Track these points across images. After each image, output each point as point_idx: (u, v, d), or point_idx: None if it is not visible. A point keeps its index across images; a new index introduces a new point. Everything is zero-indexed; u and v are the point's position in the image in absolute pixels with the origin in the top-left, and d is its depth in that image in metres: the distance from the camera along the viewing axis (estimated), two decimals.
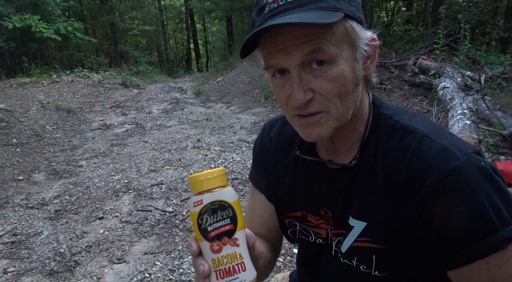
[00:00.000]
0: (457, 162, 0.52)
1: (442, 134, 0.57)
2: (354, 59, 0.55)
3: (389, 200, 0.58)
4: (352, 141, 0.64)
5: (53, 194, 3.28)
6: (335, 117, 0.57)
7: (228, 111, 6.51)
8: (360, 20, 0.56)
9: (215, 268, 0.50)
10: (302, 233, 0.74)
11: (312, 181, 0.70)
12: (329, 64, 0.53)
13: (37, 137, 4.85)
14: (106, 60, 13.42)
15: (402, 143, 0.58)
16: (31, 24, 8.74)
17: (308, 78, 0.54)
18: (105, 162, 4.06)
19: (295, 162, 0.73)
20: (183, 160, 3.97)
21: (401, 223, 0.57)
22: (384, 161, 0.60)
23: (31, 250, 2.42)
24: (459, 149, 0.54)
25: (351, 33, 0.54)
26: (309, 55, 0.52)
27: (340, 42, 0.53)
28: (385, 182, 0.59)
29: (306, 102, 0.55)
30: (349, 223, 0.64)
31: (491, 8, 8.17)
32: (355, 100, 0.59)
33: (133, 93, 8.32)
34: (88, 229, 2.66)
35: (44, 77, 7.92)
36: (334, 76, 0.54)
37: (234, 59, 10.78)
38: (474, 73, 4.65)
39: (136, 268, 2.20)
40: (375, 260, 0.61)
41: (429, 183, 0.53)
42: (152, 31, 17.74)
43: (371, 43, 0.58)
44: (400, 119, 0.61)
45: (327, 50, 0.52)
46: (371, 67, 0.60)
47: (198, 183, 0.52)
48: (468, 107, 3.10)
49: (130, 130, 5.42)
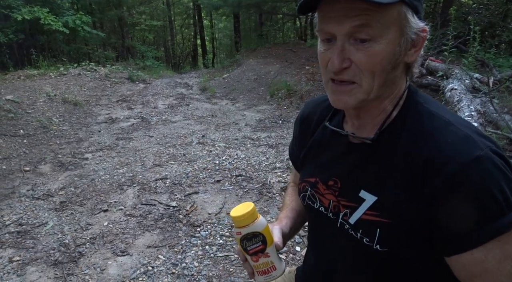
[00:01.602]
0: (480, 151, 0.55)
1: (468, 125, 0.60)
2: (398, 43, 0.59)
3: (405, 178, 0.61)
4: (379, 119, 0.68)
5: (58, 185, 3.31)
6: (365, 90, 0.61)
7: (233, 108, 6.51)
8: (415, 9, 0.59)
9: (256, 269, 0.74)
10: (310, 199, 0.80)
11: (333, 151, 0.76)
12: (372, 41, 0.57)
13: (44, 129, 4.89)
14: (113, 54, 13.45)
15: (428, 126, 0.61)
16: (40, 16, 8.78)
17: (351, 49, 0.59)
18: (110, 155, 4.09)
19: (324, 132, 0.80)
20: (187, 155, 3.99)
21: (411, 201, 0.59)
22: (407, 141, 0.62)
23: (36, 240, 2.45)
24: (482, 140, 0.57)
25: (402, 19, 0.58)
26: (357, 28, 0.57)
27: (389, 23, 0.57)
28: (405, 160, 0.61)
29: (341, 69, 0.60)
30: (360, 196, 0.67)
31: (502, 11, 8.07)
32: (389, 81, 0.63)
33: (139, 88, 8.35)
34: (92, 221, 2.68)
35: (51, 69, 7.97)
36: (373, 53, 0.58)
37: (240, 56, 10.75)
38: (483, 76, 4.61)
39: (139, 261, 2.22)
40: (378, 233, 0.63)
41: (452, 167, 0.55)
42: (160, 26, 17.74)
43: (421, 33, 0.61)
44: (430, 107, 0.64)
45: (374, 27, 0.56)
46: (415, 56, 0.63)
47: (237, 221, 0.71)
48: (476, 109, 3.08)
49: (136, 124, 5.45)
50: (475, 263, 0.56)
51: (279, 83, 6.92)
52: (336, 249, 0.74)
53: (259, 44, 11.29)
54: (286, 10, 13.83)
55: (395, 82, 0.64)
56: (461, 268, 0.59)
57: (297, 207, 0.93)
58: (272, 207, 2.77)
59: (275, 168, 3.50)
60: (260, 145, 4.23)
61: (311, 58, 8.41)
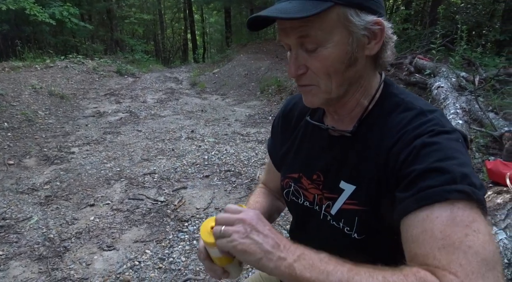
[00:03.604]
0: (440, 127, 0.58)
1: (438, 113, 0.63)
2: (347, 42, 0.61)
3: (376, 164, 0.63)
4: (355, 113, 0.70)
5: (43, 179, 3.26)
6: (324, 90, 0.65)
7: (223, 103, 6.49)
8: (358, 6, 0.60)
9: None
10: (294, 194, 0.81)
11: (314, 145, 0.78)
12: (320, 47, 0.61)
13: (29, 122, 4.79)
14: (102, 47, 13.21)
15: (400, 116, 0.64)
16: (26, 7, 8.56)
17: (304, 56, 0.63)
18: (98, 149, 4.03)
19: (306, 128, 0.81)
20: (176, 150, 3.97)
21: (379, 184, 0.62)
22: (381, 131, 0.65)
23: (20, 235, 2.41)
24: (448, 124, 0.60)
25: (343, 20, 0.59)
26: (302, 39, 0.61)
27: (331, 27, 0.59)
28: (377, 148, 0.64)
29: (298, 76, 0.65)
30: (340, 187, 0.69)
31: (489, 11, 8.21)
32: (350, 78, 0.65)
33: (128, 82, 8.24)
34: (78, 216, 2.65)
35: (37, 61, 7.79)
36: (323, 58, 0.61)
37: (231, 51, 10.70)
38: (469, 74, 4.69)
39: (126, 255, 2.20)
40: (356, 221, 0.66)
41: (417, 141, 0.57)
42: (149, 20, 17.50)
43: (374, 27, 0.61)
44: (406, 98, 0.67)
45: (315, 35, 0.60)
46: (376, 48, 0.63)
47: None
48: (461, 107, 3.13)
49: (124, 118, 5.38)
50: (416, 225, 0.52)
51: (269, 79, 6.92)
52: (322, 241, 0.74)
53: (250, 40, 11.24)
54: None
55: (360, 76, 0.66)
56: (404, 235, 0.54)
57: (260, 209, 0.89)
58: None
59: (264, 163, 3.51)
60: (249, 141, 4.23)
61: None
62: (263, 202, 0.92)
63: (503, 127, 3.05)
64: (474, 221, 0.49)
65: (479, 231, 0.48)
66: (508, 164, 2.12)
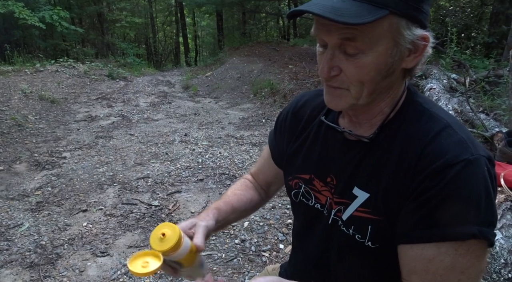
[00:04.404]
0: (470, 156, 0.56)
1: (465, 130, 0.61)
2: (390, 54, 0.58)
3: (397, 175, 0.61)
4: (376, 119, 0.68)
5: (34, 185, 3.20)
6: (354, 96, 0.62)
7: (216, 106, 6.47)
8: (413, 18, 0.57)
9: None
10: (304, 196, 0.79)
11: (328, 147, 0.74)
12: (361, 53, 0.57)
13: (19, 127, 4.71)
14: (93, 51, 13.10)
15: (425, 126, 0.61)
16: (15, 10, 8.46)
17: (341, 57, 0.59)
18: (90, 154, 3.98)
19: (319, 127, 0.78)
20: (170, 154, 3.93)
21: (400, 197, 0.60)
22: (403, 140, 0.63)
23: (11, 242, 2.35)
24: (476, 148, 0.58)
25: (394, 31, 0.56)
26: (344, 41, 0.57)
27: (379, 36, 0.56)
28: (399, 159, 0.62)
29: (330, 77, 0.61)
30: (353, 193, 0.67)
31: (477, 13, 8.36)
32: (382, 88, 0.62)
33: (120, 86, 8.18)
34: (71, 222, 2.60)
35: (27, 66, 7.68)
36: (362, 65, 0.57)
37: (223, 54, 10.68)
38: (459, 76, 4.76)
39: (119, 261, 2.17)
40: (370, 230, 0.64)
41: (438, 164, 0.56)
42: (141, 23, 17.41)
43: (420, 41, 0.59)
44: (430, 108, 0.64)
45: (361, 41, 0.56)
46: (414, 62, 0.61)
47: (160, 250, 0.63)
48: (454, 108, 3.17)
49: (116, 122, 5.33)
50: (422, 260, 0.57)
51: (262, 82, 6.92)
52: (329, 244, 0.74)
53: (242, 43, 11.25)
54: (269, 9, 13.86)
55: (391, 87, 0.64)
56: (407, 260, 0.60)
57: (236, 203, 0.89)
58: None
59: None
60: (243, 144, 4.22)
61: (294, 57, 8.46)
62: (241, 195, 0.91)
63: (494, 128, 3.09)
64: (470, 266, 0.56)
65: (470, 276, 0.56)
66: (502, 164, 2.14)
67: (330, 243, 0.73)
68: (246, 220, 2.54)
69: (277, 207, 2.71)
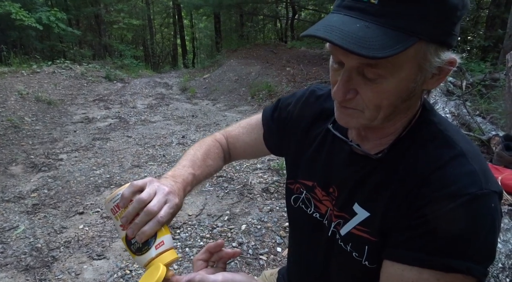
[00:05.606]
0: (477, 190, 0.52)
1: (479, 161, 0.56)
2: (413, 80, 0.53)
3: (398, 198, 0.58)
4: (387, 138, 0.64)
5: (30, 187, 3.18)
6: (367, 118, 0.58)
7: (214, 108, 6.47)
8: (442, 43, 0.52)
9: None
10: (304, 202, 0.77)
11: (334, 157, 0.71)
12: (382, 78, 0.52)
13: (15, 129, 4.68)
14: (90, 53, 13.09)
15: (437, 151, 0.57)
16: (11, 11, 8.43)
17: (358, 80, 0.54)
18: (87, 156, 3.96)
19: (325, 134, 0.74)
20: (167, 156, 3.92)
21: (399, 220, 0.58)
22: (411, 162, 0.59)
23: (6, 245, 2.33)
24: (488, 182, 0.53)
25: (420, 57, 0.51)
26: (365, 66, 0.52)
27: (404, 62, 0.51)
28: (403, 180, 0.58)
29: (344, 100, 0.56)
30: (353, 209, 0.65)
31: (473, 17, 8.43)
32: (400, 110, 0.59)
33: (117, 87, 8.16)
34: (67, 224, 2.58)
35: (24, 67, 7.64)
36: (381, 90, 0.53)
37: (221, 57, 10.70)
38: (456, 79, 4.78)
39: (116, 264, 2.15)
40: (367, 250, 0.62)
41: (441, 193, 0.53)
42: (139, 25, 17.41)
43: (446, 66, 0.54)
44: (445, 130, 0.60)
45: (383, 67, 0.51)
46: (436, 84, 0.57)
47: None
48: (450, 111, 3.18)
49: (113, 124, 5.31)
50: (399, 280, 0.56)
51: (260, 84, 6.93)
52: (330, 256, 0.73)
53: (240, 45, 11.27)
54: (267, 12, 13.90)
55: (408, 108, 0.60)
56: (385, 276, 0.59)
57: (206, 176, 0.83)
58: (253, 207, 2.76)
59: (256, 168, 3.50)
60: None
61: (291, 59, 8.48)
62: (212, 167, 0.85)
63: (490, 131, 3.10)
64: None
65: None
66: (499, 168, 2.15)
67: (331, 254, 0.72)
68: (244, 223, 2.54)
69: (275, 210, 2.71)
